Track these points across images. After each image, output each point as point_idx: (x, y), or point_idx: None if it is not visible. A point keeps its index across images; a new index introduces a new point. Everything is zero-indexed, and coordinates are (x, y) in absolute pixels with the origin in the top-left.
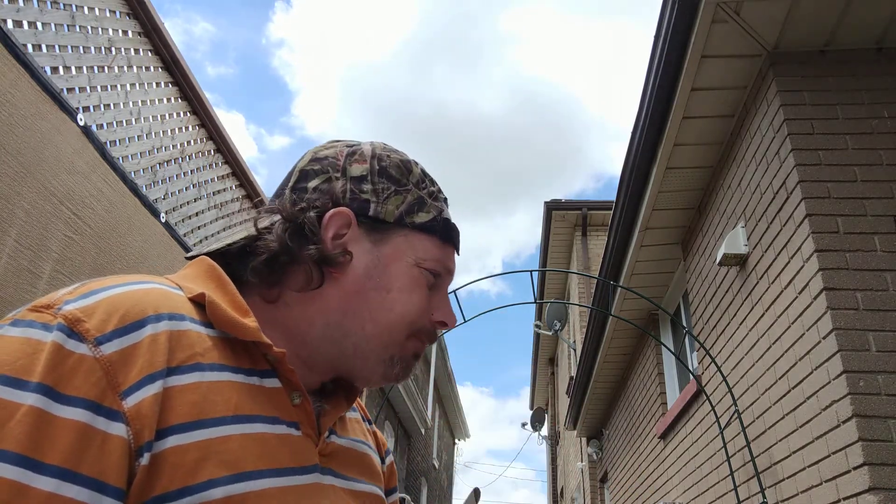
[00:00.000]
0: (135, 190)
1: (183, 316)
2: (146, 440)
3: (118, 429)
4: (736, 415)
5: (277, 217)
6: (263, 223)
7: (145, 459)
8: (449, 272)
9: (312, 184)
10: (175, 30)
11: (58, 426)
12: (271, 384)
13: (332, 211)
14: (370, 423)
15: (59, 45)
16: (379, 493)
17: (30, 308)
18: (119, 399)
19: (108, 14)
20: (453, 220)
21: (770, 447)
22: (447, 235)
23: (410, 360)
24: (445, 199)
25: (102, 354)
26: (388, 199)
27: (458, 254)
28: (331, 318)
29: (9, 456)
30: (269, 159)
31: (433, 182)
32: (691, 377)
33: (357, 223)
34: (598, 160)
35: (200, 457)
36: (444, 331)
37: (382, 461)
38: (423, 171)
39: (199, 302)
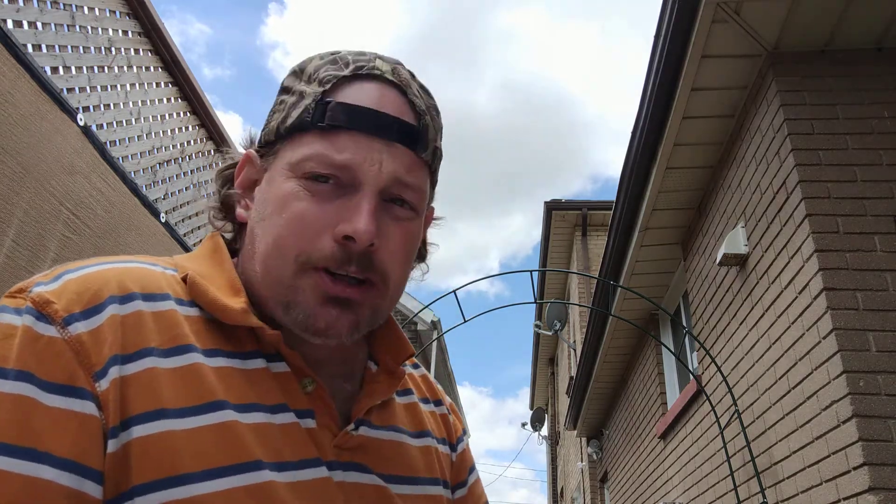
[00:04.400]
0: (135, 190)
1: (166, 296)
2: (112, 426)
3: (91, 409)
4: (736, 415)
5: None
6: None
7: (112, 447)
8: (344, 166)
9: None
10: (171, 31)
11: (33, 410)
12: (280, 368)
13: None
14: (438, 405)
15: (59, 45)
16: (440, 492)
17: (6, 294)
18: (91, 380)
19: (108, 14)
20: (377, 99)
21: (770, 447)
22: (326, 118)
23: (314, 306)
24: (371, 76)
25: (71, 335)
26: (272, 116)
27: (391, 138)
28: (245, 265)
29: None
30: None
31: (345, 65)
32: (691, 377)
33: (260, 158)
34: (595, 162)
35: (173, 448)
36: (358, 247)
37: (453, 449)
38: (338, 57)
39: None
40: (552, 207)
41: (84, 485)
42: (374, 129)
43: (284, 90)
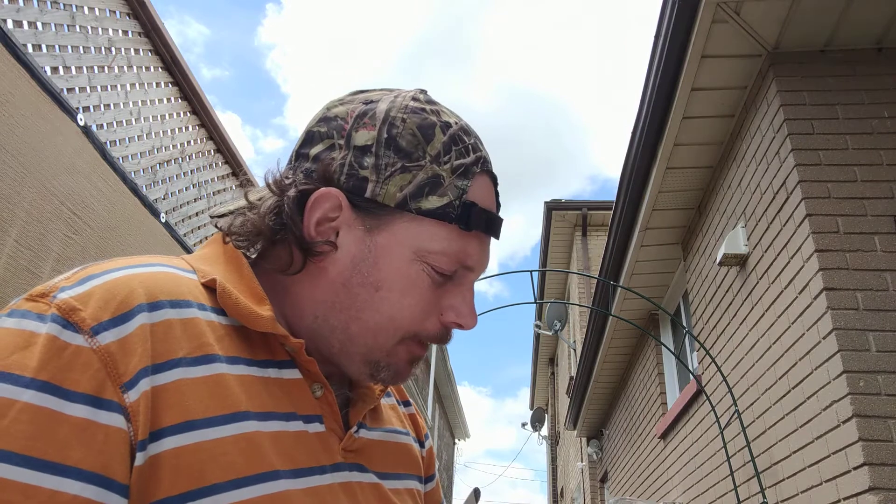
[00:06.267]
0: (135, 190)
1: (189, 302)
2: (140, 439)
3: (119, 421)
4: (736, 415)
5: (266, 191)
6: (254, 195)
7: (139, 459)
8: (470, 268)
9: (315, 150)
10: (170, 31)
11: (57, 422)
12: (290, 375)
13: (317, 193)
14: (406, 406)
15: (59, 45)
16: (417, 486)
17: (26, 297)
18: (120, 391)
19: (108, 14)
20: (492, 198)
21: (770, 447)
22: (470, 222)
23: (403, 366)
24: (487, 171)
25: (100, 345)
26: (390, 178)
27: (497, 238)
28: (318, 310)
29: (7, 456)
30: (264, 160)
31: (466, 151)
32: (691, 377)
33: (351, 205)
34: (593, 162)
35: (203, 459)
36: (460, 330)
37: (422, 445)
38: (454, 136)
39: (212, 287)
40: (552, 207)
41: (109, 498)
42: (495, 234)
43: (401, 152)
